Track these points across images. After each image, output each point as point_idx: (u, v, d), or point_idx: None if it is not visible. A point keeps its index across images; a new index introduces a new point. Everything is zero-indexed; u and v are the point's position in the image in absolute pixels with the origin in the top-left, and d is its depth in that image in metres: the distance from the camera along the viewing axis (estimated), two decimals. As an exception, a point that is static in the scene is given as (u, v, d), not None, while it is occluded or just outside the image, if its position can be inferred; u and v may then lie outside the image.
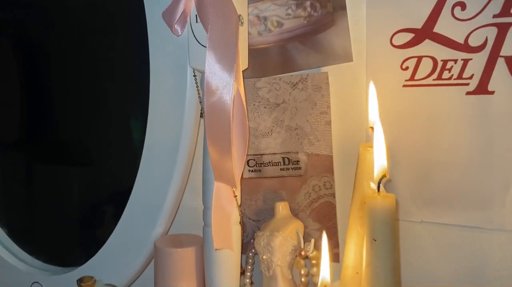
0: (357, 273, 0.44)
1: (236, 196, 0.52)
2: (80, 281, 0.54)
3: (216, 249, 0.50)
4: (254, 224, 0.58)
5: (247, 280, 0.55)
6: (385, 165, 0.39)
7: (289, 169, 0.57)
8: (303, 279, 0.52)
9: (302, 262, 0.52)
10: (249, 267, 0.55)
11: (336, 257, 0.54)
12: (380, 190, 0.39)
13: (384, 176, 0.39)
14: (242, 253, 0.54)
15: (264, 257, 0.52)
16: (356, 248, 0.45)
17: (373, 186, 0.40)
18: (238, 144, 0.50)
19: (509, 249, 0.49)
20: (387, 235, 0.38)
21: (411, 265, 0.53)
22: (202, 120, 0.54)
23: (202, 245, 0.54)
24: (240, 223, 0.53)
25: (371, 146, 0.43)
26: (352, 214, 0.46)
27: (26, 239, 0.73)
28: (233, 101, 0.47)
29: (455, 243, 0.51)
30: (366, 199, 0.39)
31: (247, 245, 0.57)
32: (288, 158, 0.57)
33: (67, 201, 0.70)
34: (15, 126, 0.73)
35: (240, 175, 0.51)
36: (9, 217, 0.74)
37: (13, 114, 0.73)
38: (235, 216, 0.52)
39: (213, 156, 0.49)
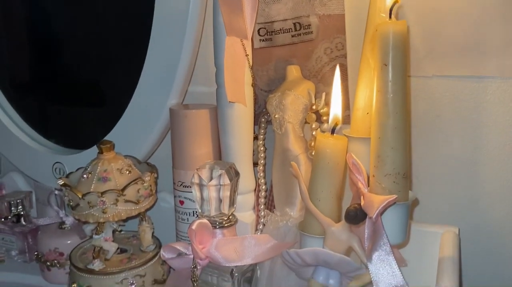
0: (367, 113, 0.45)
1: (248, 55, 0.52)
2: (100, 143, 0.56)
3: (229, 101, 0.51)
4: (265, 95, 0.59)
5: (260, 142, 0.56)
6: (399, -11, 0.39)
7: (300, 34, 0.56)
8: (314, 133, 0.52)
9: (314, 116, 0.52)
10: (262, 131, 0.56)
11: (347, 119, 0.55)
12: (392, 17, 0.39)
13: (396, 1, 0.39)
14: (254, 124, 0.55)
15: (276, 116, 0.53)
16: (367, 90, 0.45)
17: (385, 16, 0.39)
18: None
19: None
20: (398, 59, 0.38)
21: (422, 119, 0.53)
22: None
23: (215, 109, 0.55)
24: (252, 85, 0.53)
25: (384, -16, 0.42)
26: (363, 52, 0.46)
27: (44, 125, 0.75)
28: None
29: (467, 96, 0.51)
30: (378, 26, 0.39)
31: (259, 115, 0.58)
32: (299, 23, 0.56)
33: (82, 78, 0.71)
34: None
35: (252, 29, 0.51)
36: (26, 104, 0.76)
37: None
38: (248, 76, 0.52)
39: (225, 13, 0.49)
